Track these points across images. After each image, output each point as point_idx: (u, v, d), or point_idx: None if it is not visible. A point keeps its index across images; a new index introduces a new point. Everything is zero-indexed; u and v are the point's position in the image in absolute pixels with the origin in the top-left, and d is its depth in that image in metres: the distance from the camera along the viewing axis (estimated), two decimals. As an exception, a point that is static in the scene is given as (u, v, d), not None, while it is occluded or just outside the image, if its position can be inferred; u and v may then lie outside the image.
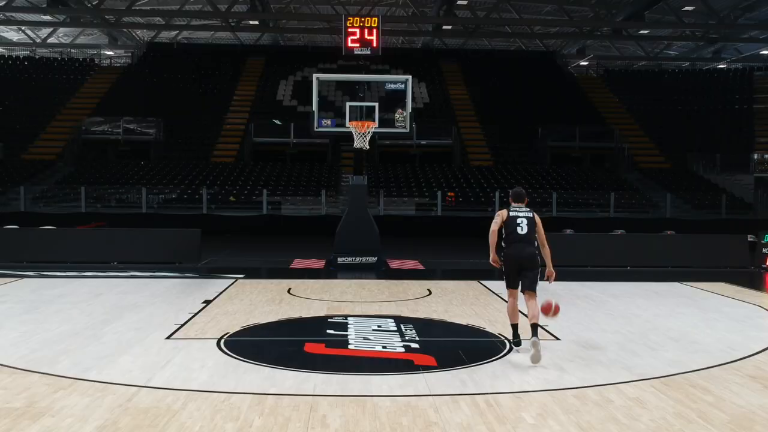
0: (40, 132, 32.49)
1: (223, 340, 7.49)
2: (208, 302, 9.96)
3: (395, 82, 12.72)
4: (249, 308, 9.50)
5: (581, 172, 30.41)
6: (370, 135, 12.03)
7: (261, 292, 10.92)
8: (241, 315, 9.00)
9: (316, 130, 13.21)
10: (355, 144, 12.10)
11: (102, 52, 44.43)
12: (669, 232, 17.54)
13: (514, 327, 7.53)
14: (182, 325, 8.29)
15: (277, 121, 32.95)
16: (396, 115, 12.67)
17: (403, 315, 9.13)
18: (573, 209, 25.46)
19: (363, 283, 12.16)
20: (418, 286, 11.90)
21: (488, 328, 8.39)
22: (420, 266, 15.18)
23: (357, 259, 14.33)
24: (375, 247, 14.50)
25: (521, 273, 7.42)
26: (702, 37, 41.01)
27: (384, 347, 7.28)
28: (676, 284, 12.67)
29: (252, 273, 13.43)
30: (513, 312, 7.54)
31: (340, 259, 14.18)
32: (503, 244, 7.51)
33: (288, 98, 36.10)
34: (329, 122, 13.06)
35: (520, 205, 7.71)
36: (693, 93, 38.62)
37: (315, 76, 13.22)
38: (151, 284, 11.72)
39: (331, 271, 13.96)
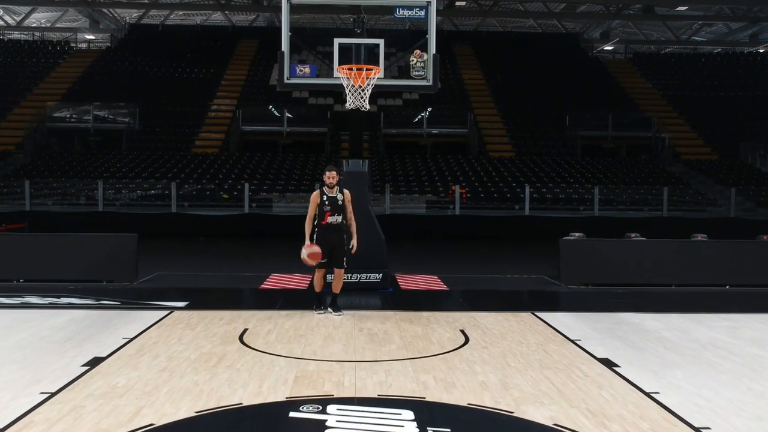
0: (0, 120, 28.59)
1: (40, 494, 3.42)
2: (95, 363, 5.88)
3: (410, 7, 8.41)
4: (156, 379, 5.42)
5: (619, 164, 26.25)
6: (371, 88, 7.84)
7: (195, 339, 6.83)
8: (131, 400, 4.91)
9: (287, 81, 8.92)
10: (347, 104, 7.94)
11: (80, 35, 40.48)
12: (765, 237, 13.39)
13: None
14: (-3, 434, 4.24)
15: (274, 110, 29.03)
16: (412, 58, 8.41)
17: (429, 398, 5.03)
18: (617, 208, 21.30)
19: (361, 318, 8.08)
20: (445, 324, 7.80)
21: (601, 439, 4.28)
22: (441, 284, 11.07)
23: (355, 276, 10.24)
24: (380, 258, 10.40)
25: None
26: (743, 17, 36.88)
27: None
28: (827, 318, 8.54)
29: (201, 298, 9.35)
30: None
31: (330, 277, 10.06)
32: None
33: (282, 83, 32.00)
34: (307, 69, 8.82)
35: None
36: (735, 78, 34.46)
37: (285, -3, 9.04)
38: (36, 320, 7.64)
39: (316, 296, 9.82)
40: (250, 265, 13.24)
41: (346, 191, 8.18)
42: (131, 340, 6.77)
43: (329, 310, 8.24)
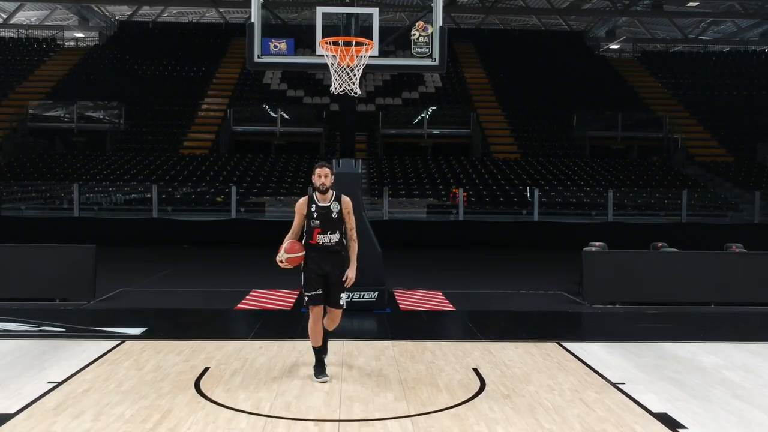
0: (-22, 120, 27.19)
1: None
2: (-5, 425, 4.47)
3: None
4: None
5: (630, 166, 24.83)
6: (362, 67, 6.35)
7: (139, 385, 5.39)
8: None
9: (257, 60, 7.46)
10: (332, 87, 6.43)
11: (68, 33, 39.05)
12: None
13: None
14: None
15: (267, 109, 27.69)
16: (414, 31, 6.93)
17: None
18: (631, 212, 19.89)
19: (351, 352, 6.65)
20: (453, 359, 6.37)
21: None
22: (446, 303, 9.64)
23: (347, 294, 8.79)
24: (376, 274, 8.98)
25: None
26: (755, 14, 35.55)
27: None
28: None
29: (163, 323, 7.92)
30: None
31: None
32: None
33: (276, 82, 30.74)
34: (284, 45, 7.38)
35: None
36: (747, 77, 33.08)
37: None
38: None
39: (301, 316, 8.39)
40: (231, 279, 11.80)
41: (345, 199, 5.80)
42: (58, 385, 5.34)
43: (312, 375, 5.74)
